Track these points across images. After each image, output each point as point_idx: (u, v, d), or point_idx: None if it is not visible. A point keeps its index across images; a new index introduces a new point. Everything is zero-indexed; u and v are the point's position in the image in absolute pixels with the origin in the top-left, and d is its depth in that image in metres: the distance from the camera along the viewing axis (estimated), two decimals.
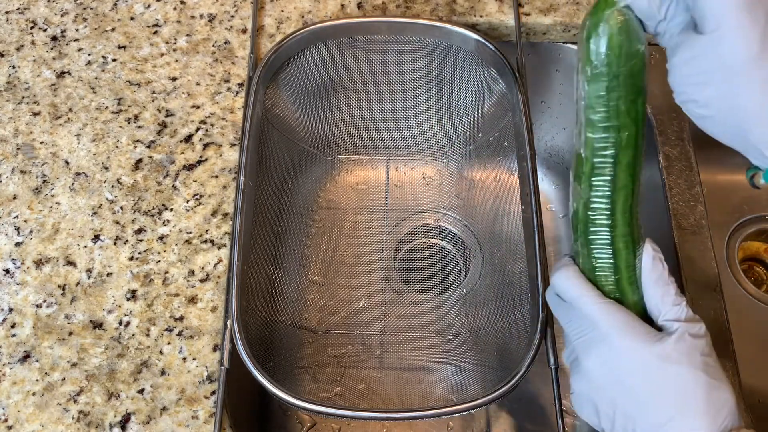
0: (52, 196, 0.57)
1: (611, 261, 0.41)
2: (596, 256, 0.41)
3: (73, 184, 0.57)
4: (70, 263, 0.54)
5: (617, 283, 0.40)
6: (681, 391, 0.36)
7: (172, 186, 0.57)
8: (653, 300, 0.39)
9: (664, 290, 0.39)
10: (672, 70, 0.37)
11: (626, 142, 0.39)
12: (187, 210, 0.56)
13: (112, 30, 0.64)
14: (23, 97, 0.61)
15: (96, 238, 0.55)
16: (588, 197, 0.41)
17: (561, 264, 0.43)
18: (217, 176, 0.58)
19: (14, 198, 0.57)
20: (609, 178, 0.40)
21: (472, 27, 0.62)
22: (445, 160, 0.73)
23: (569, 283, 0.41)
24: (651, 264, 0.40)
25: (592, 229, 0.41)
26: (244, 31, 0.64)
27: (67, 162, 0.58)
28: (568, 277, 0.41)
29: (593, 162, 0.40)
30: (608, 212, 0.40)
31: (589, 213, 0.41)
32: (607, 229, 0.40)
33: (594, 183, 0.40)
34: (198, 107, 0.60)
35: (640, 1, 0.37)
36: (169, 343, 0.51)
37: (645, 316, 0.40)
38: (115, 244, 0.55)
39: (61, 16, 0.65)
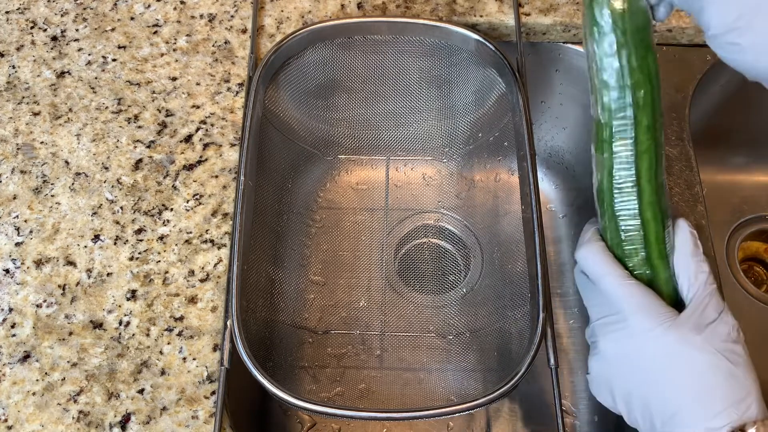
0: (52, 196, 0.57)
1: (640, 233, 0.39)
2: (624, 228, 0.40)
3: (73, 184, 0.57)
4: (70, 263, 0.54)
5: (648, 258, 0.39)
6: (698, 377, 0.35)
7: (172, 186, 0.57)
8: (684, 277, 0.38)
9: (698, 267, 0.38)
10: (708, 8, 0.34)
11: (644, 101, 0.39)
12: (187, 210, 0.56)
13: (112, 30, 0.64)
14: (23, 97, 0.61)
15: (96, 238, 0.55)
16: (611, 164, 0.40)
17: (586, 239, 0.41)
18: (217, 176, 0.58)
19: (14, 198, 0.57)
20: (630, 140, 0.39)
21: (472, 27, 0.62)
22: (445, 160, 0.73)
23: (594, 260, 0.40)
24: (686, 238, 0.39)
25: (618, 199, 0.40)
26: (244, 31, 0.64)
27: (67, 162, 0.58)
28: (593, 253, 0.40)
29: (612, 125, 0.39)
30: (633, 179, 0.39)
31: (614, 181, 0.40)
32: (634, 198, 0.39)
33: (616, 149, 0.39)
34: (198, 107, 0.60)
35: None
36: (169, 343, 0.51)
37: (676, 296, 0.39)
38: (115, 244, 0.55)
39: (61, 16, 0.65)
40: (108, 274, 0.54)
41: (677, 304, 0.39)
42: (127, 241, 0.55)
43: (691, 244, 0.39)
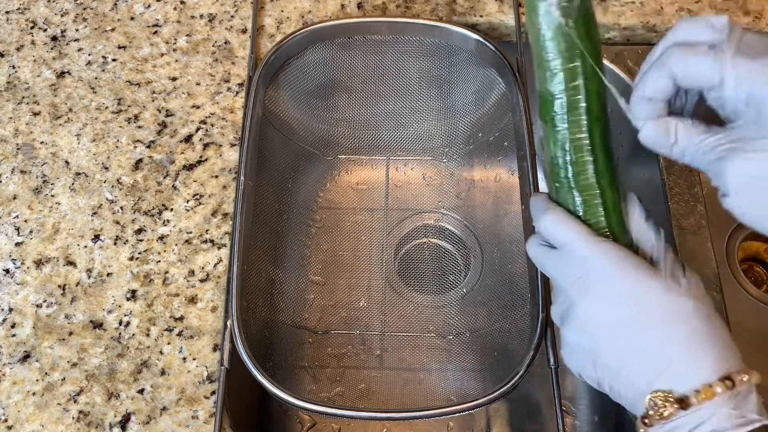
0: (52, 196, 0.57)
1: (599, 200, 0.39)
2: (584, 198, 0.39)
3: (73, 184, 0.57)
4: (70, 263, 0.54)
5: (608, 225, 0.39)
6: (688, 324, 0.34)
7: (172, 186, 0.57)
8: (645, 240, 0.38)
9: (656, 229, 0.38)
10: (730, 187, 0.34)
11: (592, 70, 0.39)
12: (187, 210, 0.56)
13: (112, 30, 0.64)
14: (23, 97, 0.61)
15: (96, 238, 0.55)
16: (565, 136, 0.40)
17: (544, 207, 0.40)
18: (217, 176, 0.58)
19: (14, 198, 0.57)
20: (583, 109, 0.39)
21: (472, 27, 0.62)
22: (445, 160, 0.73)
23: (561, 226, 0.39)
24: (635, 205, 0.39)
25: (574, 170, 0.40)
26: (244, 31, 0.64)
27: (67, 162, 0.58)
28: (558, 220, 0.39)
29: (564, 96, 0.39)
30: (589, 148, 0.39)
31: (569, 153, 0.40)
32: (592, 167, 0.39)
33: (571, 119, 0.39)
34: (198, 107, 0.60)
35: (648, 132, 0.36)
36: (169, 343, 0.51)
37: None
38: (115, 244, 0.55)
39: (61, 16, 0.65)
40: (108, 274, 0.54)
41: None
42: (127, 241, 0.55)
43: (641, 210, 0.39)
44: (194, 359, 0.51)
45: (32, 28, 0.65)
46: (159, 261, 0.54)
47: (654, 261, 0.38)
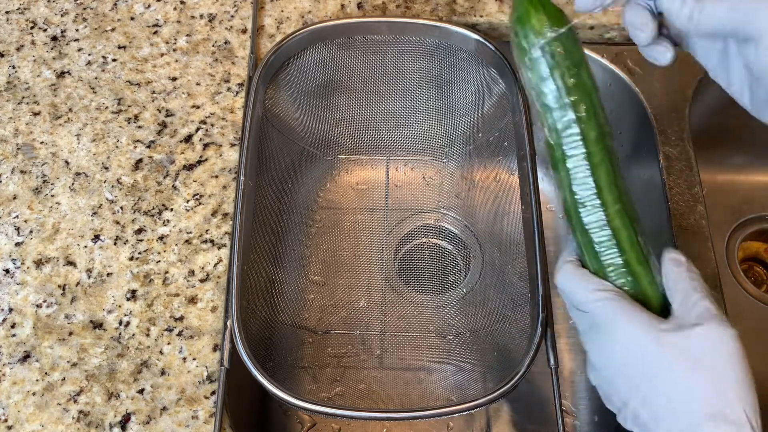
0: (52, 196, 0.57)
1: (613, 241, 0.40)
2: (597, 240, 0.40)
3: (73, 184, 0.57)
4: (70, 263, 0.54)
5: (627, 265, 0.40)
6: (679, 381, 0.35)
7: (172, 186, 0.57)
8: (672, 290, 0.38)
9: (692, 285, 0.38)
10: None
11: (587, 116, 0.39)
12: (187, 210, 0.56)
13: (112, 30, 0.64)
14: (23, 97, 0.61)
15: (96, 238, 0.55)
16: (569, 182, 0.40)
17: (559, 263, 0.42)
18: (217, 176, 0.58)
19: (14, 198, 0.57)
20: (582, 155, 0.40)
21: (472, 27, 0.62)
22: (445, 160, 0.73)
23: (565, 280, 0.41)
24: (670, 262, 0.39)
25: (584, 213, 0.40)
26: (244, 31, 0.64)
27: (67, 162, 0.58)
28: (565, 275, 0.41)
29: (562, 144, 0.40)
30: (594, 191, 0.40)
31: (576, 197, 0.40)
32: (599, 210, 0.40)
33: (570, 165, 0.40)
34: (198, 107, 0.60)
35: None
36: (169, 343, 0.51)
37: (665, 300, 0.39)
38: (115, 244, 0.55)
39: (61, 16, 0.65)
40: (108, 274, 0.54)
41: (667, 306, 0.39)
42: (127, 241, 0.55)
43: (677, 265, 0.39)
44: (194, 359, 0.51)
45: (32, 28, 0.65)
46: (159, 261, 0.54)
47: (673, 310, 0.38)
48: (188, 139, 0.59)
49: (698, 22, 0.36)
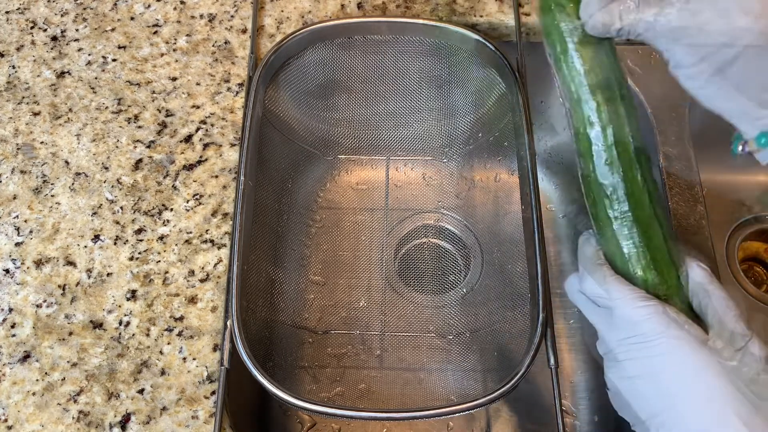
0: (52, 196, 0.57)
1: (643, 250, 0.41)
2: (626, 247, 0.41)
3: (73, 184, 0.57)
4: (70, 263, 0.54)
5: (655, 268, 0.41)
6: (721, 402, 0.35)
7: (172, 186, 0.57)
8: (708, 307, 0.39)
9: (720, 294, 0.39)
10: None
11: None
12: (187, 210, 0.56)
13: (112, 30, 0.64)
14: (23, 97, 0.61)
15: (96, 238, 0.55)
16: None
17: (588, 265, 0.42)
18: (217, 176, 0.58)
19: (14, 198, 0.57)
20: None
21: (472, 27, 0.62)
22: (445, 160, 0.73)
23: (604, 289, 0.40)
24: (697, 272, 0.40)
25: (617, 228, 0.42)
26: (244, 31, 0.64)
27: (67, 162, 0.58)
28: (601, 281, 0.41)
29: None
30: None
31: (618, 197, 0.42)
32: (633, 227, 0.41)
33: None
34: (198, 107, 0.60)
35: (594, 22, 0.39)
36: (169, 343, 0.51)
37: (690, 304, 0.40)
38: (115, 244, 0.55)
39: (61, 16, 0.65)
40: (108, 274, 0.54)
41: (691, 309, 0.40)
42: (127, 241, 0.55)
43: (705, 274, 0.40)
44: (194, 359, 0.51)
45: (32, 28, 0.65)
46: (159, 261, 0.54)
47: (709, 325, 0.39)
48: (188, 139, 0.59)
49: None
